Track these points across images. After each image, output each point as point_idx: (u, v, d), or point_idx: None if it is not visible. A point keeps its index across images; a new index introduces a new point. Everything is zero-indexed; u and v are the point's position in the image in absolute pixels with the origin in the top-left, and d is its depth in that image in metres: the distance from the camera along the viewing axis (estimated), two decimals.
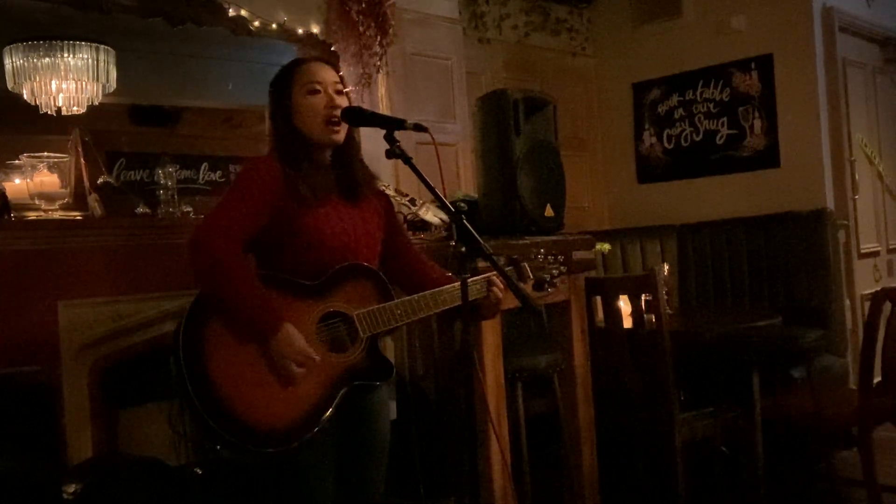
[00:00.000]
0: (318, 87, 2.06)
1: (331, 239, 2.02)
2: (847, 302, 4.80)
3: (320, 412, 1.94)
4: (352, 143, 2.15)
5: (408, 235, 2.35)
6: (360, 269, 2.06)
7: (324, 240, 2.01)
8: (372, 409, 2.14)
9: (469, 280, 2.12)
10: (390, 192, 2.76)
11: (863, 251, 5.14)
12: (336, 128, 2.06)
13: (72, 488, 2.25)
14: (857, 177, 5.08)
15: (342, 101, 2.08)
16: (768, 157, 5.00)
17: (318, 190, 2.03)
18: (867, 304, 3.73)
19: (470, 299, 2.12)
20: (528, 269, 2.25)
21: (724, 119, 5.18)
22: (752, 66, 5.05)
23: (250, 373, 1.88)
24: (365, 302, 2.03)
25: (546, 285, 2.27)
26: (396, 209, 2.52)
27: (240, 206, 1.95)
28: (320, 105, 2.05)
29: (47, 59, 3.23)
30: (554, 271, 2.29)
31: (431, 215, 3.11)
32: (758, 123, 5.04)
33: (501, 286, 2.17)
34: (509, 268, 2.20)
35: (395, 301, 2.07)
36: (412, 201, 3.06)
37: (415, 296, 2.09)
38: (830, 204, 4.83)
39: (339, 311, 2.01)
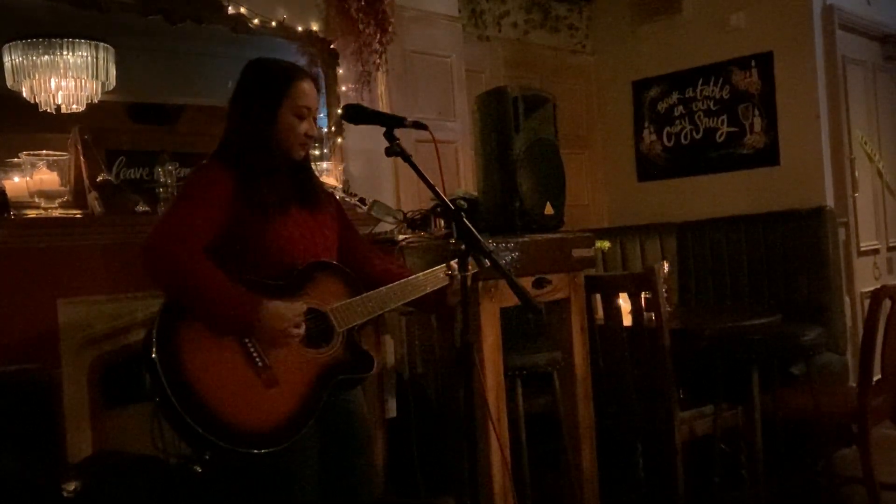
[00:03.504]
0: (306, 112, 2.09)
1: (292, 246, 2.03)
2: (847, 300, 4.79)
3: (310, 408, 1.94)
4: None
5: (359, 232, 2.39)
6: (326, 266, 2.08)
7: (286, 247, 2.02)
8: (349, 401, 2.15)
9: (430, 270, 2.19)
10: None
11: (862, 249, 5.14)
12: (306, 148, 2.12)
13: (72, 486, 2.25)
14: (856, 174, 5.08)
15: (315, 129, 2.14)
16: (768, 155, 5.00)
17: (278, 198, 2.03)
18: (867, 302, 3.73)
19: (433, 288, 2.19)
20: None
21: (724, 117, 5.18)
22: (752, 63, 5.04)
23: (232, 375, 1.86)
24: (335, 297, 2.05)
25: (507, 268, 2.31)
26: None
27: (192, 212, 1.92)
28: (303, 129, 2.08)
29: (46, 56, 3.22)
30: (507, 257, 2.41)
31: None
32: (758, 121, 5.04)
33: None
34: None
35: (366, 294, 2.10)
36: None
37: (384, 288, 2.13)
38: (830, 202, 4.83)
39: (311, 307, 2.01)
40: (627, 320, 3.35)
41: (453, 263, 2.17)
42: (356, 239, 2.31)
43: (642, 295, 3.29)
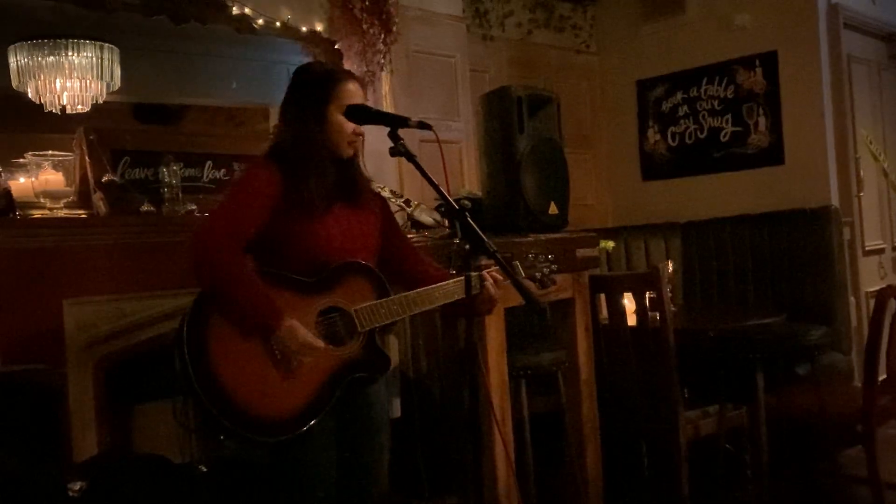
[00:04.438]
0: None
1: (331, 244, 2.07)
2: (852, 299, 4.78)
3: (321, 403, 2.00)
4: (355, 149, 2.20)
5: (404, 234, 2.40)
6: (357, 267, 2.11)
7: (325, 245, 2.06)
8: (369, 400, 2.19)
9: (460, 279, 2.17)
10: (386, 193, 2.81)
11: (867, 248, 5.13)
12: (354, 147, 2.14)
13: (77, 486, 2.26)
14: (861, 174, 5.07)
15: (362, 127, 2.15)
16: (773, 155, 4.99)
17: (324, 197, 2.08)
18: (872, 302, 3.72)
19: (460, 297, 2.17)
20: (520, 267, 2.29)
21: (729, 116, 5.17)
22: (757, 63, 5.03)
23: (252, 366, 1.94)
24: (362, 298, 2.08)
25: (538, 283, 2.30)
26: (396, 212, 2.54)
27: (240, 208, 2.00)
28: (351, 128, 2.11)
29: (52, 57, 3.23)
30: (545, 269, 2.34)
31: (426, 216, 3.11)
32: (762, 120, 5.03)
33: (493, 281, 2.21)
34: None
35: (392, 297, 2.12)
36: (407, 202, 3.07)
37: (411, 292, 2.15)
38: (835, 201, 4.82)
39: (337, 306, 2.06)
40: (632, 320, 3.36)
41: (485, 273, 2.20)
42: (399, 239, 2.32)
43: (647, 295, 3.29)
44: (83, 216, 2.98)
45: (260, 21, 3.56)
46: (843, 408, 3.29)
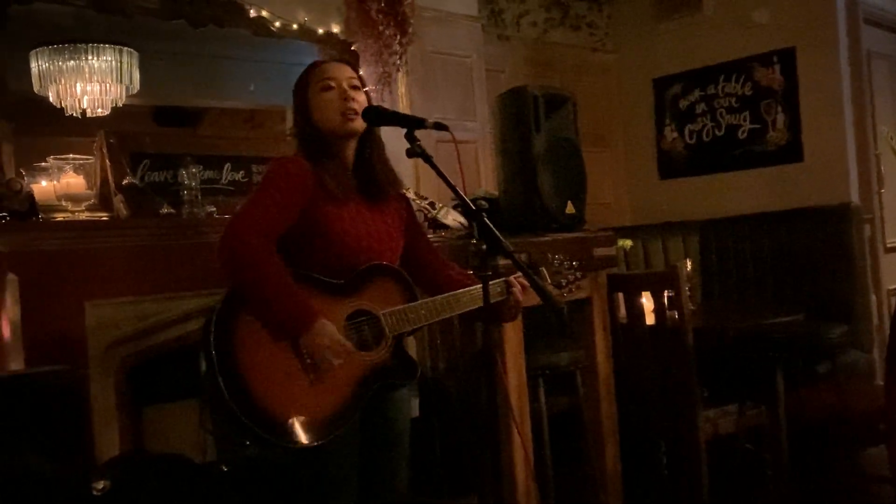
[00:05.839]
0: (332, 83, 2.10)
1: (354, 240, 2.05)
2: (873, 297, 4.74)
3: (350, 409, 1.96)
4: (373, 143, 2.17)
5: (428, 237, 2.38)
6: (385, 269, 2.09)
7: (347, 241, 2.04)
8: (392, 405, 2.17)
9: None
10: (410, 194, 2.79)
11: (889, 245, 5.08)
12: (351, 118, 2.08)
13: (101, 485, 2.28)
14: (882, 170, 5.02)
15: (358, 95, 2.11)
16: (791, 152, 4.95)
17: (342, 187, 2.06)
18: (894, 299, 3.69)
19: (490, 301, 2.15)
20: (546, 273, 2.27)
21: (747, 113, 5.14)
22: (775, 59, 5.00)
23: (280, 369, 1.90)
24: (390, 301, 2.06)
25: (562, 289, 2.29)
26: (416, 211, 2.54)
27: (270, 203, 1.96)
28: (334, 99, 2.09)
29: (72, 62, 3.28)
30: (570, 276, 2.32)
31: (451, 219, 3.12)
32: (780, 118, 5.00)
33: (520, 288, 2.20)
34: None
35: (420, 301, 2.10)
36: (432, 204, 3.07)
37: (438, 297, 2.12)
38: (855, 198, 4.78)
39: (365, 309, 2.03)
40: (650, 319, 3.34)
41: (512, 279, 2.19)
42: (422, 242, 2.30)
43: (665, 293, 3.28)
44: (104, 219, 3.01)
45: (277, 24, 3.58)
46: (864, 406, 3.26)
